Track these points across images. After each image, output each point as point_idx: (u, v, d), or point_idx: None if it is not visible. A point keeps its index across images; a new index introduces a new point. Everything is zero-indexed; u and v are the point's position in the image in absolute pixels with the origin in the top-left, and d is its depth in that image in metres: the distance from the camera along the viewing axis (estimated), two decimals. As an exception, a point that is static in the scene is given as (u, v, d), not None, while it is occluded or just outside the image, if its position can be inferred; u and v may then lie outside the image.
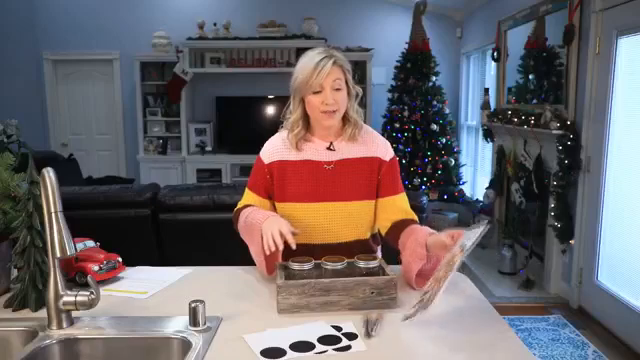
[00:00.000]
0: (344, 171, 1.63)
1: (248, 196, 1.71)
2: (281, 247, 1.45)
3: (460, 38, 6.61)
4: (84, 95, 6.75)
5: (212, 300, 1.33)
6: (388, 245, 1.69)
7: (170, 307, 1.40)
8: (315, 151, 1.64)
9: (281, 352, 1.16)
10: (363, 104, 1.74)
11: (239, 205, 1.71)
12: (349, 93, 1.61)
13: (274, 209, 1.67)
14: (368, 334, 1.23)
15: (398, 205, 1.66)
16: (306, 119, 1.64)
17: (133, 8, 6.52)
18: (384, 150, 1.69)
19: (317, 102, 1.55)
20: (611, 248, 3.27)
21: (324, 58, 1.53)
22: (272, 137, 1.73)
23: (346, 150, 1.64)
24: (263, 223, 1.48)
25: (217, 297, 1.45)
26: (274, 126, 1.78)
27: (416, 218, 1.66)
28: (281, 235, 1.44)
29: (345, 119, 1.65)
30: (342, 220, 1.63)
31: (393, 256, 1.62)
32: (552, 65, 3.99)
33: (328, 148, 1.64)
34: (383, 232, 1.69)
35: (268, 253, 1.46)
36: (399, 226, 1.61)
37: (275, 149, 1.67)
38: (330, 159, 1.64)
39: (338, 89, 1.55)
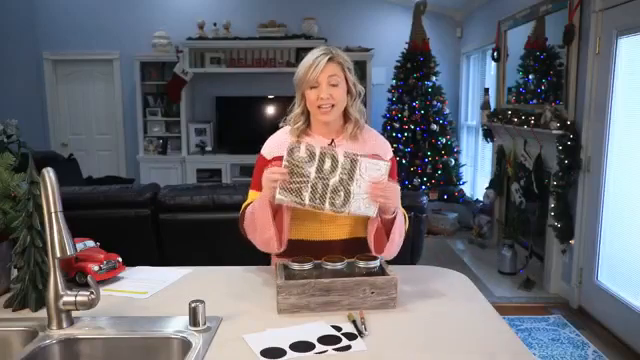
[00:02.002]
0: None
1: (252, 196, 1.67)
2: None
3: (460, 38, 6.61)
4: (84, 95, 6.75)
5: (212, 300, 1.33)
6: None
7: (170, 307, 1.41)
8: None
9: (281, 352, 1.16)
10: (363, 104, 1.76)
11: (243, 207, 1.68)
12: (350, 91, 1.61)
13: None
14: (360, 334, 1.24)
15: None
16: (308, 115, 1.66)
17: (133, 8, 6.52)
18: (384, 150, 1.70)
19: (313, 97, 1.57)
20: (611, 248, 3.27)
21: (321, 55, 1.56)
22: (273, 134, 1.73)
23: (347, 147, 1.64)
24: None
25: (217, 297, 1.45)
26: (274, 126, 1.78)
27: (405, 214, 1.67)
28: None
29: (346, 117, 1.66)
30: (342, 217, 1.63)
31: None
32: (552, 65, 3.99)
33: (329, 145, 1.65)
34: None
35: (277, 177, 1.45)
36: None
37: (276, 146, 1.67)
38: None
39: (335, 85, 1.57)
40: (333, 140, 1.66)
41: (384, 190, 1.47)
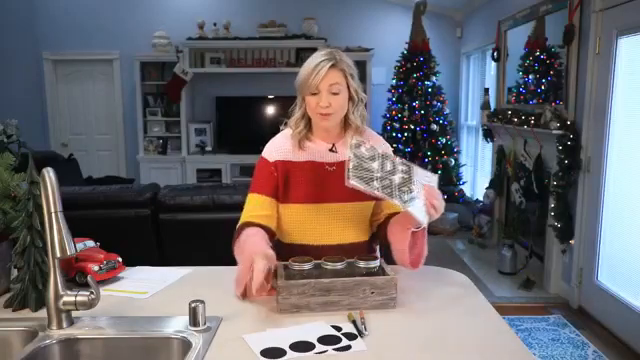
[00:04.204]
0: None
1: (252, 200, 1.64)
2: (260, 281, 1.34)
3: (460, 38, 6.61)
4: (84, 95, 6.76)
5: (212, 300, 1.33)
6: (380, 240, 1.71)
7: (170, 307, 1.40)
8: (317, 152, 1.64)
9: (281, 352, 1.16)
10: (363, 104, 1.75)
11: (242, 217, 1.63)
12: (351, 98, 1.59)
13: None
14: (360, 334, 1.24)
15: (395, 206, 1.66)
16: (309, 119, 1.64)
17: (133, 8, 6.53)
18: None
19: (313, 103, 1.56)
20: (611, 248, 3.27)
21: (324, 61, 1.53)
22: (274, 137, 1.72)
23: (347, 152, 1.64)
24: (254, 255, 1.38)
25: (217, 297, 1.45)
26: (274, 126, 1.78)
27: None
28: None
29: (346, 123, 1.65)
30: (343, 222, 1.63)
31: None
32: (552, 65, 3.99)
33: (330, 150, 1.64)
34: (375, 226, 1.69)
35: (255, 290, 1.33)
36: (391, 217, 1.62)
37: (277, 149, 1.66)
38: (332, 160, 1.64)
39: (335, 93, 1.54)
40: (334, 144, 1.65)
41: (437, 197, 1.43)
